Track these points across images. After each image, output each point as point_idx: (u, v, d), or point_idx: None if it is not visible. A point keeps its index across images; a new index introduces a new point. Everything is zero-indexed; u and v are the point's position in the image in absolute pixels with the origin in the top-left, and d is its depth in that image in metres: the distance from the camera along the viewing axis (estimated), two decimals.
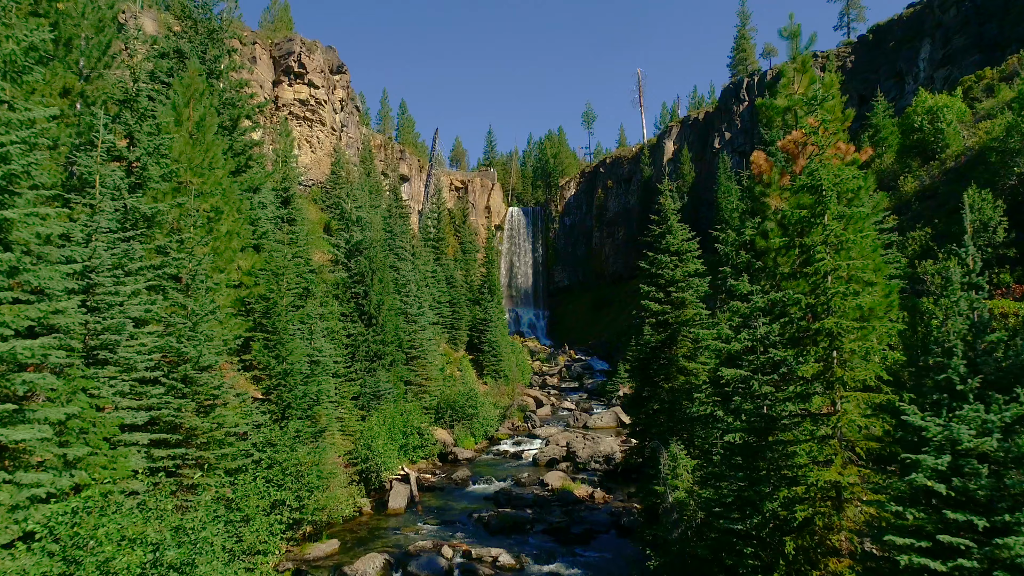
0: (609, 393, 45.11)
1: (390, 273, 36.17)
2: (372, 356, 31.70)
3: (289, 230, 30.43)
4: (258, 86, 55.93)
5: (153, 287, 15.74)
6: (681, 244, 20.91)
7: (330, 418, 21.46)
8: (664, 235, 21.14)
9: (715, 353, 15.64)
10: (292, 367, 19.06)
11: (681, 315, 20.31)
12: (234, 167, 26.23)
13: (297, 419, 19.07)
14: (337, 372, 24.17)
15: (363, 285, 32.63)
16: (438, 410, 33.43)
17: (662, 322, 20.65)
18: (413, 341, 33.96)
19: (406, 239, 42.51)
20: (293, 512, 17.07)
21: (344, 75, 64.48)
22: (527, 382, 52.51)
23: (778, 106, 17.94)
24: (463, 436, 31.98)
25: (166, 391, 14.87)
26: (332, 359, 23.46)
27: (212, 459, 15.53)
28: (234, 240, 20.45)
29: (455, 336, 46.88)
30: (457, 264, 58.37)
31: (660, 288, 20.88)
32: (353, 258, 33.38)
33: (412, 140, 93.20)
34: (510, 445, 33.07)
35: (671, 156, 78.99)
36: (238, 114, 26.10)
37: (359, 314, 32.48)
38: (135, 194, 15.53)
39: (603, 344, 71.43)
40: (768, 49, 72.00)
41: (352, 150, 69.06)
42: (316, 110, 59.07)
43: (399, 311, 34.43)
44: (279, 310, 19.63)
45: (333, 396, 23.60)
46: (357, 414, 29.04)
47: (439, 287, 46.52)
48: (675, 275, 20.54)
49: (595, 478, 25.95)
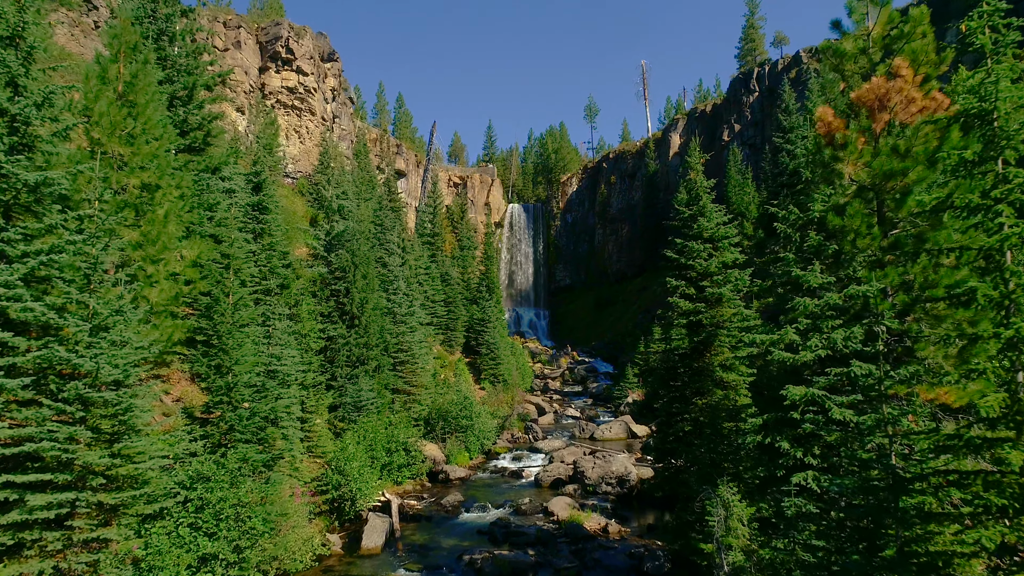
0: (617, 400, 41.10)
1: (376, 268, 32.23)
2: (354, 361, 27.75)
3: (260, 218, 26.50)
4: (243, 72, 52.04)
5: (41, 278, 11.80)
6: (716, 229, 16.92)
7: (291, 440, 17.49)
8: (695, 218, 17.14)
9: (778, 365, 11.64)
10: (237, 380, 15.10)
11: (717, 314, 16.33)
12: (188, 143, 22.32)
13: (243, 444, 15.11)
14: (306, 382, 20.19)
15: (345, 281, 28.68)
16: (428, 421, 29.47)
17: (694, 323, 16.66)
18: (401, 344, 30.00)
19: (395, 232, 38.55)
20: (229, 568, 13.12)
21: (336, 63, 60.50)
22: (528, 386, 48.54)
23: (847, 50, 13.96)
24: (456, 451, 28.01)
25: (50, 415, 10.99)
26: (299, 367, 19.48)
27: (116, 503, 11.61)
28: (171, 224, 16.49)
29: (450, 337, 42.92)
30: (455, 262, 54.44)
31: (691, 282, 16.90)
32: (334, 251, 29.43)
33: (409, 135, 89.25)
34: (509, 460, 29.10)
35: (677, 150, 74.98)
36: (193, 82, 22.13)
37: (340, 314, 28.54)
38: (13, 157, 11.57)
39: (607, 345, 67.46)
40: (779, 37, 68.00)
41: (345, 143, 65.13)
42: (305, 98, 55.09)
43: (386, 310, 30.48)
44: (222, 309, 15.66)
45: (299, 411, 19.66)
46: (334, 429, 25.12)
47: (433, 285, 42.57)
48: (709, 266, 16.55)
49: (607, 505, 21.98)
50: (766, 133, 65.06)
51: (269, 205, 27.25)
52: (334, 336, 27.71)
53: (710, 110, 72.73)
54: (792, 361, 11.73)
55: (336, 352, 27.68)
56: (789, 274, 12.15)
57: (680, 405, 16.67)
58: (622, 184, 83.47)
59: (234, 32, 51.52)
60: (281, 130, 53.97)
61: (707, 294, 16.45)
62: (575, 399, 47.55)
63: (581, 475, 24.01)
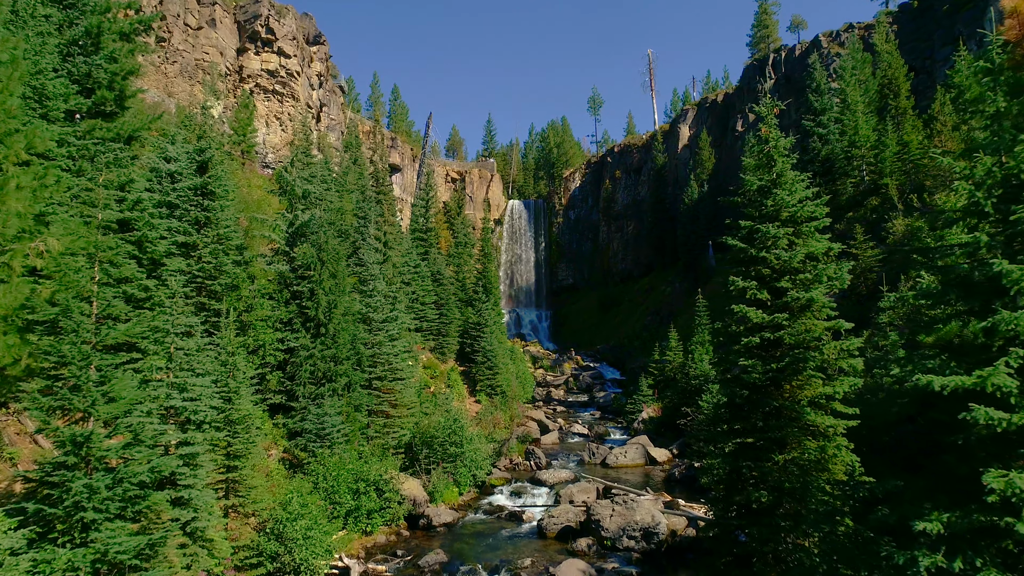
0: (629, 415, 35.72)
1: (351, 266, 26.94)
2: (319, 378, 22.44)
3: (204, 204, 21.24)
4: (218, 53, 46.74)
5: None
6: (799, 207, 11.51)
7: (195, 506, 12.12)
8: (768, 191, 11.73)
9: (977, 429, 6.30)
10: (91, 431, 9.73)
11: (804, 328, 10.95)
12: (93, 105, 16.98)
13: (106, 525, 9.80)
14: (233, 417, 14.82)
15: (309, 281, 23.34)
16: (410, 448, 24.15)
17: (770, 342, 11.29)
18: (378, 356, 24.65)
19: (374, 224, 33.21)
20: None
21: (322, 46, 55.12)
22: (529, 396, 43.17)
23: None
24: (443, 486, 22.66)
25: None
26: (215, 398, 14.10)
27: None
28: (12, 200, 11.14)
29: (442, 344, 37.55)
30: (451, 260, 49.07)
31: (763, 283, 11.51)
32: (297, 245, 24.09)
33: (405, 129, 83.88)
34: (507, 496, 23.76)
35: (687, 142, 69.57)
36: (98, 26, 16.76)
37: (303, 320, 23.20)
38: None
39: (613, 349, 62.05)
40: (797, 21, 62.54)
41: (335, 134, 59.78)
42: (287, 82, 49.73)
43: (360, 316, 25.14)
44: (75, 324, 10.29)
45: (222, 458, 14.33)
46: (294, 461, 19.84)
47: (423, 285, 37.21)
48: (792, 259, 11.18)
49: (632, 571, 16.62)
50: (783, 122, 59.61)
51: (216, 189, 21.92)
52: (295, 348, 22.43)
53: (721, 100, 67.30)
54: (1004, 425, 6.37)
55: (298, 367, 22.38)
56: (986, 269, 6.79)
57: (751, 464, 11.22)
58: (627, 179, 78.04)
59: (208, 9, 46.19)
60: (260, 116, 48.65)
61: (789, 299, 11.08)
62: (581, 411, 42.18)
63: (596, 524, 18.65)
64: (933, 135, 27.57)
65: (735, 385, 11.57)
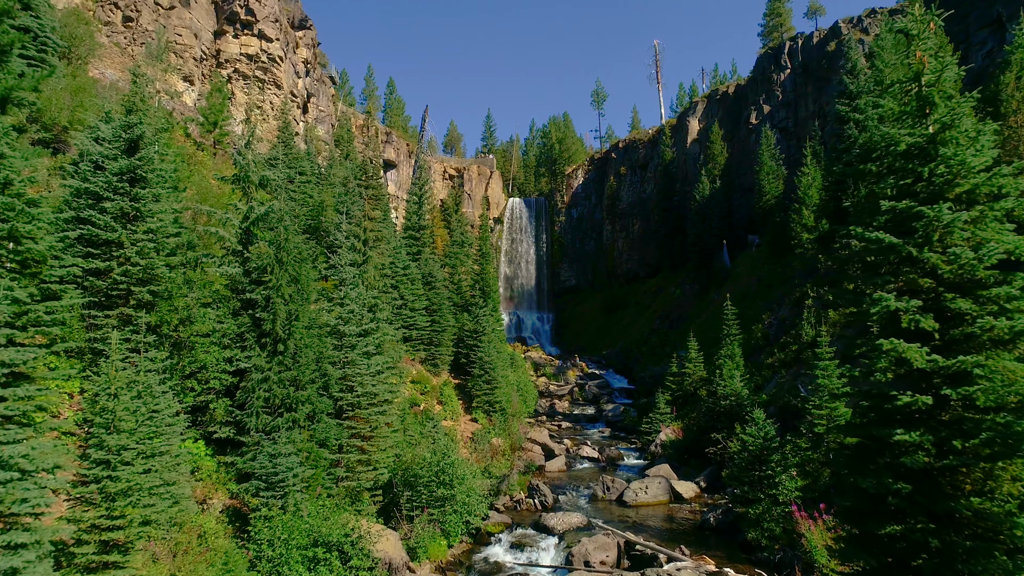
0: (645, 435, 31.10)
1: (315, 268, 22.36)
2: (275, 406, 17.85)
3: (132, 193, 16.73)
4: (192, 36, 42.09)
5: None
6: (984, 181, 6.89)
7: None
8: (926, 150, 7.10)
9: None
10: None
11: (1002, 382, 6.37)
12: None
13: None
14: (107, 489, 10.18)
15: (265, 287, 18.73)
16: (389, 490, 19.57)
17: (941, 400, 6.67)
18: (350, 377, 20.04)
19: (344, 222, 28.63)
20: None
21: (309, 31, 50.47)
22: (531, 410, 38.56)
23: None
24: (427, 539, 18.04)
25: None
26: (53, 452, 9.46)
27: None
28: None
29: (434, 354, 32.93)
30: (447, 260, 44.46)
31: (928, 302, 6.88)
32: (252, 243, 19.48)
33: (401, 124, 79.20)
34: (506, 549, 19.14)
35: (696, 136, 64.91)
36: None
37: (257, 335, 18.58)
38: None
39: (619, 354, 57.41)
40: (814, 7, 57.82)
41: (324, 127, 55.14)
42: (269, 68, 45.08)
43: (328, 328, 20.55)
44: None
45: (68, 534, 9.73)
46: (243, 509, 15.26)
47: (413, 288, 32.60)
48: (978, 265, 6.57)
49: None
50: (800, 114, 55.01)
51: (148, 175, 17.32)
52: (247, 369, 17.83)
53: (733, 91, 62.63)
54: None
55: (249, 392, 17.76)
56: None
57: None
58: (633, 176, 73.37)
59: None
60: (239, 104, 44.04)
61: (977, 330, 6.47)
62: (589, 427, 37.57)
63: None
64: (1009, 114, 23.03)
65: (886, 474, 6.90)
